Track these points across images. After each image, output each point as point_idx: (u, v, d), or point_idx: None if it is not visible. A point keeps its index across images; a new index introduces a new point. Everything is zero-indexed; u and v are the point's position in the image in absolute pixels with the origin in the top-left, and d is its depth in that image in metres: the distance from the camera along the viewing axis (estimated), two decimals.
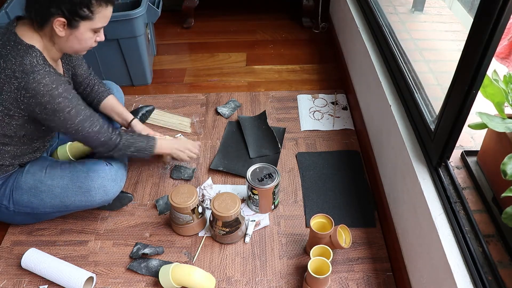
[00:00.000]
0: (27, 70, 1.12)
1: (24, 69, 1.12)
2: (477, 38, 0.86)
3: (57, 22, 1.12)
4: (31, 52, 1.15)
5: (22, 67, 1.12)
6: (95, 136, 1.29)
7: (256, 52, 2.46)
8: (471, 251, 0.91)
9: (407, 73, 1.37)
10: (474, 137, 1.19)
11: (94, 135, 1.29)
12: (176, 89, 2.18)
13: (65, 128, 1.24)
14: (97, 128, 1.29)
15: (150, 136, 1.47)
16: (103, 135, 1.31)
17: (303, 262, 1.38)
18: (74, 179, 1.34)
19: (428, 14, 1.88)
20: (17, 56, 1.13)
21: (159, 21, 2.19)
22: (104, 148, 1.34)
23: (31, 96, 1.14)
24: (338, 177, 1.65)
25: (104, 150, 1.35)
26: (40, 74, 1.13)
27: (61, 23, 1.13)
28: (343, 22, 2.21)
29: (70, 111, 1.21)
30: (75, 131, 1.25)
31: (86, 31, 1.18)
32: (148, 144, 1.43)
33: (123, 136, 1.37)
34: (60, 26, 1.13)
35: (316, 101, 2.05)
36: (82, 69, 1.50)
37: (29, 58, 1.13)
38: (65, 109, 1.19)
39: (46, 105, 1.16)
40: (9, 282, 1.34)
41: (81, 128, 1.25)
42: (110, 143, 1.33)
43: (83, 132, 1.26)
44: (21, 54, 1.13)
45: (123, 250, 1.43)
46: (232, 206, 1.34)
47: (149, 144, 1.43)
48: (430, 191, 1.08)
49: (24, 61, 1.13)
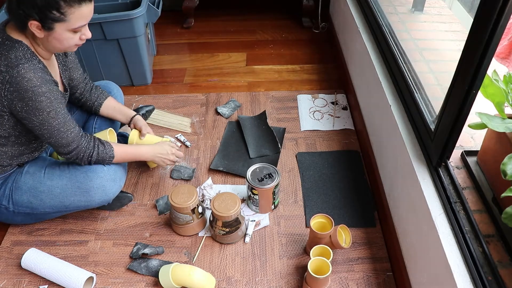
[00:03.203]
0: (12, 63, 1.11)
1: (8, 62, 1.11)
2: (477, 38, 0.86)
3: (32, 25, 1.10)
4: (18, 46, 1.14)
5: (7, 61, 1.11)
6: (67, 143, 1.26)
7: (256, 52, 2.46)
8: (471, 251, 0.91)
9: (407, 73, 1.37)
10: (474, 137, 1.19)
11: (66, 142, 1.25)
12: (176, 89, 2.18)
13: (41, 129, 1.21)
14: (72, 135, 1.26)
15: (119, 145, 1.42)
16: (75, 143, 1.27)
17: (303, 262, 1.38)
18: (73, 179, 1.34)
19: (428, 14, 1.88)
20: (3, 50, 1.12)
21: (159, 21, 2.20)
22: (71, 156, 1.30)
23: (14, 90, 1.12)
24: (338, 177, 1.65)
25: (72, 158, 1.30)
26: (24, 67, 1.12)
27: (37, 25, 1.11)
28: (343, 22, 2.21)
29: (50, 112, 1.18)
30: (50, 134, 1.22)
31: (64, 31, 1.14)
32: (108, 154, 1.36)
33: (88, 149, 1.32)
34: (36, 28, 1.11)
35: (316, 101, 2.05)
36: (77, 73, 1.49)
37: (14, 52, 1.12)
38: (46, 109, 1.17)
39: (28, 102, 1.14)
40: (9, 282, 1.34)
41: (56, 132, 1.22)
42: (80, 153, 1.30)
43: (57, 136, 1.23)
44: (7, 49, 1.12)
45: (123, 250, 1.43)
46: (232, 206, 1.34)
47: (109, 155, 1.36)
48: (430, 191, 1.08)
49: (10, 54, 1.12)
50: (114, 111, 1.61)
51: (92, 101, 1.56)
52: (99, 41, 1.98)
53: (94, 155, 1.32)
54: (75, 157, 1.30)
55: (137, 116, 1.60)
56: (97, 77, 2.09)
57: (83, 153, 1.30)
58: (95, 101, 1.56)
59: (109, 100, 1.59)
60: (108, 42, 1.98)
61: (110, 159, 1.36)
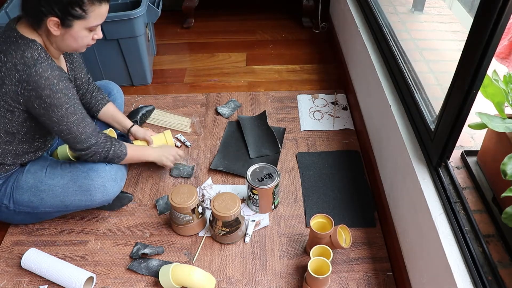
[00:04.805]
0: (29, 62, 1.12)
1: (25, 61, 1.12)
2: (477, 38, 0.86)
3: (51, 21, 1.11)
4: (32, 45, 1.14)
5: (23, 59, 1.12)
6: (86, 138, 1.28)
7: (256, 52, 2.46)
8: (471, 251, 0.91)
9: (407, 73, 1.37)
10: (474, 137, 1.19)
11: (85, 137, 1.27)
12: (176, 89, 2.18)
13: (59, 125, 1.22)
14: (90, 131, 1.28)
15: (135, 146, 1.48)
16: (93, 139, 1.30)
17: (303, 262, 1.38)
18: (74, 179, 1.34)
19: (428, 14, 1.88)
20: (18, 49, 1.13)
21: (159, 21, 2.19)
22: (89, 152, 1.31)
23: (32, 89, 1.13)
24: (338, 177, 1.65)
25: (89, 153, 1.31)
26: (42, 67, 1.13)
27: (55, 22, 1.11)
28: (343, 22, 2.20)
29: (68, 108, 1.20)
30: (69, 130, 1.24)
31: (81, 29, 1.16)
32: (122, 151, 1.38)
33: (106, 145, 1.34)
34: (54, 25, 1.12)
35: (316, 101, 2.05)
36: (81, 73, 1.49)
37: (30, 51, 1.13)
38: (64, 105, 1.19)
39: (45, 99, 1.15)
40: (9, 282, 1.34)
41: (75, 128, 1.24)
42: (98, 149, 1.32)
43: (76, 132, 1.25)
44: (22, 48, 1.13)
45: (123, 250, 1.43)
46: (232, 206, 1.34)
47: (123, 152, 1.38)
48: (430, 191, 1.08)
49: (26, 54, 1.12)
50: (111, 119, 1.61)
51: (92, 104, 1.56)
52: (99, 41, 1.93)
53: (111, 151, 1.34)
54: (92, 152, 1.31)
55: (134, 127, 1.61)
56: (97, 77, 2.09)
57: (101, 148, 1.32)
58: (93, 106, 1.57)
59: (108, 107, 1.59)
60: (108, 42, 1.98)
61: (124, 156, 1.39)
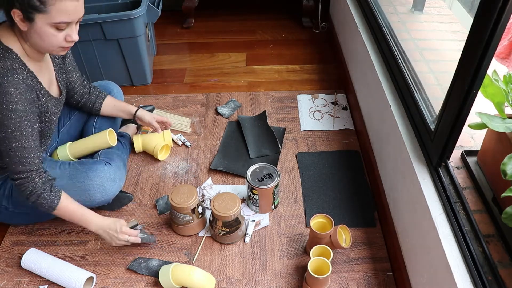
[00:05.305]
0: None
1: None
2: (477, 38, 0.86)
3: (15, 14, 1.05)
4: (7, 55, 1.11)
5: None
6: (20, 170, 1.17)
7: (256, 52, 2.46)
8: (471, 251, 0.91)
9: (407, 73, 1.37)
10: (474, 137, 1.19)
11: (20, 169, 1.16)
12: (176, 89, 2.18)
13: (0, 145, 1.14)
14: (28, 166, 1.17)
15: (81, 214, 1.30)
16: (27, 174, 1.17)
17: (303, 262, 1.38)
18: (73, 179, 1.34)
19: (428, 14, 1.88)
20: None
21: (159, 21, 2.19)
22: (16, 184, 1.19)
23: None
24: (338, 177, 1.65)
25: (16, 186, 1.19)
26: (8, 81, 1.08)
27: (18, 15, 1.05)
28: (343, 22, 2.21)
29: (14, 132, 1.12)
30: (6, 153, 1.15)
31: (44, 25, 1.07)
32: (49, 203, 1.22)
33: (45, 190, 1.20)
34: (19, 19, 1.06)
35: (316, 101, 2.05)
36: (75, 75, 1.48)
37: (2, 62, 1.09)
38: (11, 127, 1.11)
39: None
40: (9, 282, 1.34)
41: (13, 154, 1.14)
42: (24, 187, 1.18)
43: (12, 158, 1.15)
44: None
45: (123, 250, 1.43)
46: (232, 206, 1.34)
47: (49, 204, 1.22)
48: (430, 191, 1.08)
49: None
50: (114, 109, 1.61)
51: (92, 101, 1.56)
52: (99, 41, 1.98)
53: (41, 196, 1.20)
54: (18, 186, 1.19)
55: (140, 111, 1.61)
56: (97, 77, 2.09)
57: (31, 187, 1.19)
58: (94, 101, 1.56)
59: (108, 99, 1.60)
60: (108, 42, 1.98)
61: (50, 209, 1.23)
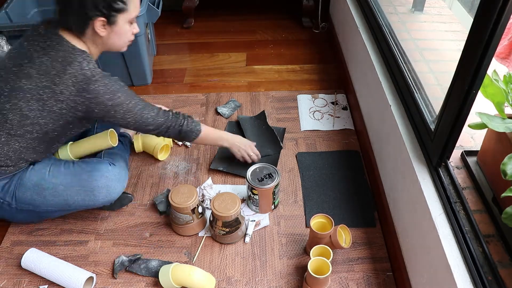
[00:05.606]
0: (87, 74, 1.18)
1: (84, 73, 1.18)
2: (477, 38, 0.86)
3: (98, 23, 1.17)
4: (85, 56, 1.21)
5: (82, 71, 1.17)
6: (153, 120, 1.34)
7: (256, 52, 2.46)
8: (471, 251, 0.91)
9: (407, 73, 1.37)
10: (474, 137, 1.19)
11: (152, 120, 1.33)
12: (176, 89, 2.18)
13: (125, 120, 1.29)
14: (155, 113, 1.34)
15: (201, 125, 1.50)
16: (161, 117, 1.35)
17: (303, 262, 1.38)
18: (77, 178, 1.34)
19: (428, 14, 1.88)
20: (75, 60, 1.18)
21: (159, 21, 2.19)
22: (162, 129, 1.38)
23: (92, 97, 1.20)
24: (338, 177, 1.65)
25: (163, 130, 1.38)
26: (99, 76, 1.20)
27: (102, 22, 1.17)
28: (343, 22, 2.21)
29: (129, 103, 1.27)
30: (135, 120, 1.30)
31: (124, 24, 1.23)
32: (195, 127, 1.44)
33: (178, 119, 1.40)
34: (101, 26, 1.18)
35: (316, 101, 2.05)
36: None
37: (85, 62, 1.19)
38: (125, 102, 1.26)
39: (107, 103, 1.22)
40: (9, 282, 1.34)
41: (140, 116, 1.30)
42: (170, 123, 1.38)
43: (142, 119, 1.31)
44: (79, 60, 1.18)
45: (123, 250, 1.43)
46: (232, 206, 1.34)
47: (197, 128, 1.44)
48: (430, 191, 1.09)
49: (83, 65, 1.18)
50: None
51: None
52: None
53: (184, 125, 1.40)
54: (165, 129, 1.38)
55: None
56: None
57: (173, 123, 1.38)
58: None
59: None
60: None
61: (198, 133, 1.44)
